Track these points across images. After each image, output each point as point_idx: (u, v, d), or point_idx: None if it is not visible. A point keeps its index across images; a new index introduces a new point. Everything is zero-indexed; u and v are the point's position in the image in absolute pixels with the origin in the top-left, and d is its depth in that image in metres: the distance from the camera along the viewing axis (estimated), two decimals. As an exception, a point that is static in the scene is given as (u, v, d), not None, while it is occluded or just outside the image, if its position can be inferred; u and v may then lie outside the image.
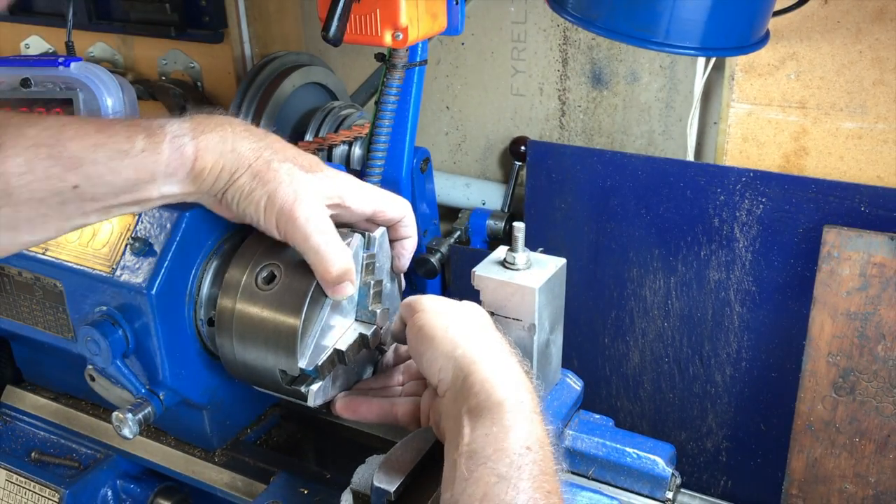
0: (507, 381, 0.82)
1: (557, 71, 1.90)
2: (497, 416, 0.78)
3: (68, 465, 1.28)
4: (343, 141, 1.65)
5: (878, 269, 1.40)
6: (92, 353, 1.06)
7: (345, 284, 0.95)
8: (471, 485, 0.74)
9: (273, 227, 0.94)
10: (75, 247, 1.10)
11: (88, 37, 2.09)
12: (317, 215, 0.93)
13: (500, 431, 0.77)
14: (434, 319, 0.91)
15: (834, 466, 1.50)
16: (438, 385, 0.87)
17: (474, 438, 0.77)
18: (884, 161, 1.48)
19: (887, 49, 1.42)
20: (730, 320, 1.65)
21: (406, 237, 1.08)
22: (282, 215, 0.92)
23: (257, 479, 1.17)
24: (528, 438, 0.77)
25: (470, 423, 0.79)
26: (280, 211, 0.92)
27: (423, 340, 0.89)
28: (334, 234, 0.94)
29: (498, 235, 1.92)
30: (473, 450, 0.76)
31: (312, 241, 0.92)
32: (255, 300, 0.99)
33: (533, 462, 0.75)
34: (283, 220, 0.92)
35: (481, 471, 0.74)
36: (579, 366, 1.84)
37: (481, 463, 0.75)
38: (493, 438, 0.76)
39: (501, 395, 0.80)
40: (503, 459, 0.74)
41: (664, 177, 1.63)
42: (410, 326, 0.93)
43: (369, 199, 1.01)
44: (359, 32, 1.22)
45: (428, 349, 0.88)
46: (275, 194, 0.92)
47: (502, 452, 0.75)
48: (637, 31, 1.11)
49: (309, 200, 0.93)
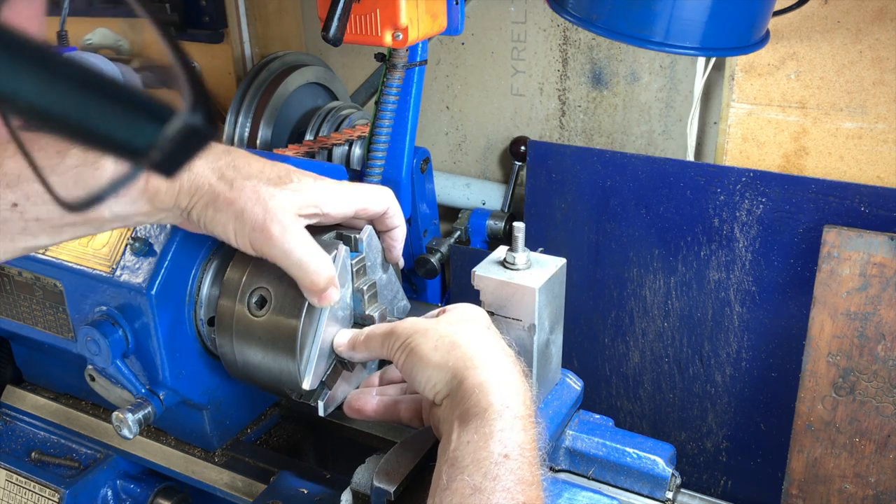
0: (495, 386, 0.81)
1: (557, 71, 1.90)
2: (480, 423, 0.78)
3: (68, 465, 1.28)
4: (343, 141, 1.65)
5: (878, 269, 1.40)
6: (92, 353, 1.06)
7: (329, 292, 0.93)
8: (448, 495, 0.73)
9: (248, 247, 0.91)
10: (75, 247, 1.10)
11: (89, 23, 2.02)
12: (290, 230, 0.90)
13: (479, 439, 0.76)
14: (416, 341, 0.88)
15: (834, 466, 1.50)
16: (436, 397, 0.87)
17: (458, 446, 0.77)
18: (884, 161, 1.48)
19: (887, 49, 1.42)
20: (730, 320, 1.65)
21: (393, 227, 1.04)
22: (254, 235, 0.89)
23: (257, 479, 1.17)
24: (508, 445, 0.76)
25: (458, 430, 0.79)
26: (252, 231, 0.89)
27: (413, 364, 0.87)
28: (312, 245, 0.92)
29: (498, 235, 1.92)
30: (455, 458, 0.76)
31: (293, 256, 0.90)
32: (250, 331, 0.99)
33: (510, 471, 0.74)
34: (257, 239, 0.89)
35: (458, 481, 0.74)
36: (579, 366, 1.84)
37: (459, 473, 0.74)
38: (473, 447, 0.76)
39: (489, 400, 0.79)
40: (479, 470, 0.74)
41: (664, 177, 1.63)
42: (397, 358, 0.90)
43: (347, 200, 0.98)
44: (359, 32, 1.22)
45: (419, 372, 0.87)
46: (242, 215, 0.88)
47: (479, 462, 0.74)
48: (637, 31, 1.11)
49: (280, 216, 0.89)
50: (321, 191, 0.95)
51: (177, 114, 0.40)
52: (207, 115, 0.41)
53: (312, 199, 0.93)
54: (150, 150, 0.40)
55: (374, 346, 0.94)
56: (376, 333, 0.94)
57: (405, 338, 0.89)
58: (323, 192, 0.95)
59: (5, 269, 1.17)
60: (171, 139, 0.40)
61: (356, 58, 2.11)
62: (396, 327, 0.92)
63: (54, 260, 1.10)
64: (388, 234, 1.06)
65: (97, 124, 0.39)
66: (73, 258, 1.09)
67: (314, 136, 1.70)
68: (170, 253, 1.03)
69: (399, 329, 0.91)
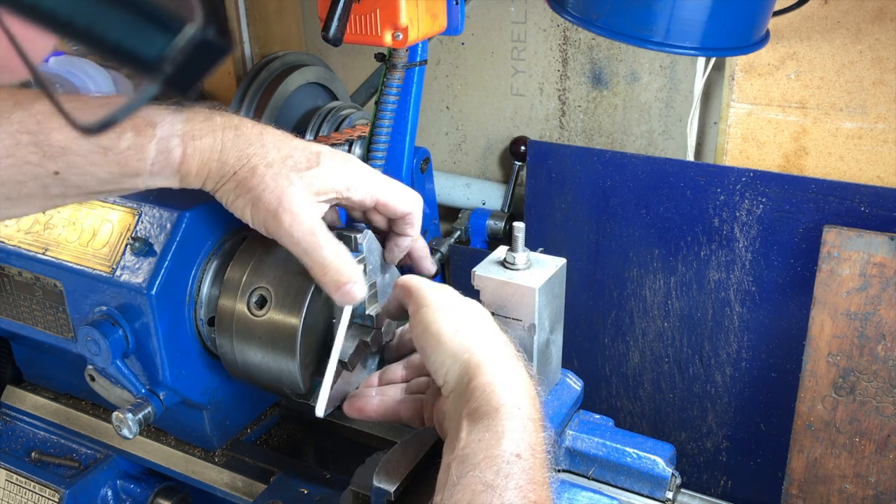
0: (508, 387, 0.81)
1: (557, 71, 1.90)
2: (492, 422, 0.78)
3: (68, 465, 1.28)
4: (343, 141, 1.65)
5: (878, 269, 1.40)
6: (92, 353, 1.06)
7: (349, 288, 0.93)
8: (458, 491, 0.73)
9: (265, 233, 0.94)
10: (75, 247, 1.10)
11: None
12: (300, 219, 0.91)
13: (491, 437, 0.76)
14: (441, 318, 0.88)
15: (834, 466, 1.50)
16: (444, 386, 0.87)
17: (468, 443, 0.77)
18: (884, 161, 1.48)
19: (887, 49, 1.42)
20: (730, 320, 1.65)
21: (404, 235, 1.04)
22: (268, 221, 0.91)
23: (257, 479, 1.17)
24: (520, 445, 0.76)
25: (467, 427, 0.79)
26: (265, 218, 0.91)
27: (430, 340, 0.87)
28: (324, 236, 0.92)
29: (498, 235, 1.92)
30: (465, 455, 0.76)
31: (302, 244, 0.91)
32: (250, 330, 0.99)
33: (522, 470, 0.74)
34: (270, 225, 0.92)
35: (469, 477, 0.74)
36: (579, 366, 1.84)
37: (470, 469, 0.74)
38: (485, 444, 0.76)
39: (500, 400, 0.79)
40: (491, 467, 0.74)
41: (664, 177, 1.63)
42: (416, 322, 0.90)
43: (371, 187, 0.97)
44: (359, 32, 1.22)
45: (435, 351, 0.87)
46: (258, 201, 0.91)
47: (491, 460, 0.74)
48: (637, 31, 1.11)
49: (293, 203, 0.91)
50: (347, 174, 0.96)
51: (189, 26, 0.39)
52: (221, 30, 0.40)
53: (333, 183, 0.94)
54: (160, 62, 0.39)
55: (396, 290, 0.95)
56: (412, 282, 0.93)
57: (434, 308, 0.89)
58: (348, 175, 0.96)
59: (5, 269, 1.17)
60: (183, 52, 0.39)
61: (356, 58, 2.11)
62: (428, 292, 0.91)
63: (54, 260, 1.10)
64: (397, 239, 1.05)
65: (106, 31, 0.38)
66: (73, 258, 1.09)
67: (314, 136, 1.70)
68: (170, 253, 1.04)
69: (430, 296, 0.91)
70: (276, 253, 1.01)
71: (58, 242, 1.11)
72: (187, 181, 0.92)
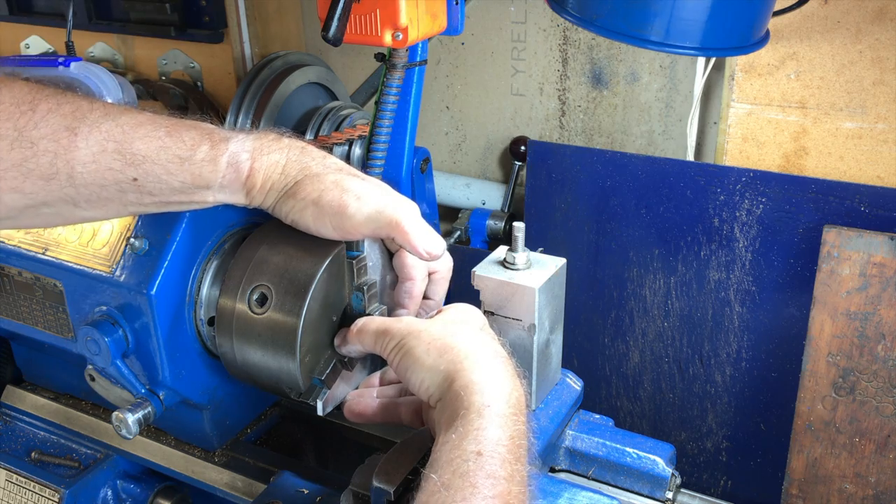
0: (480, 388, 0.81)
1: (557, 71, 1.90)
2: (460, 423, 0.78)
3: (68, 465, 1.28)
4: (343, 140, 1.65)
5: (878, 269, 1.40)
6: (92, 353, 1.06)
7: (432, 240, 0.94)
8: (420, 495, 0.74)
9: (329, 231, 0.95)
10: (75, 247, 1.10)
11: (89, 37, 2.09)
12: (367, 199, 0.93)
13: (457, 438, 0.77)
14: (412, 344, 0.88)
15: (834, 466, 1.50)
16: (430, 399, 0.87)
17: (437, 448, 0.78)
18: (884, 161, 1.48)
19: (887, 49, 1.42)
20: (730, 320, 1.65)
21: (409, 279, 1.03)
22: (333, 216, 0.93)
23: (257, 479, 1.17)
24: (482, 443, 0.76)
25: (442, 434, 0.80)
26: (330, 211, 0.93)
27: (406, 367, 0.88)
28: (394, 195, 0.95)
29: (498, 235, 1.92)
30: (434, 459, 0.77)
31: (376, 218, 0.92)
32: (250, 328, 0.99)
33: (479, 467, 0.74)
34: (335, 218, 0.93)
35: (429, 481, 0.74)
36: (579, 366, 1.84)
37: (433, 472, 0.75)
38: (449, 446, 0.76)
39: (470, 400, 0.80)
40: (450, 467, 0.74)
41: (664, 177, 1.63)
42: (391, 359, 0.90)
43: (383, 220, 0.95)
44: (359, 32, 1.22)
45: (411, 374, 0.87)
46: (320, 199, 0.94)
47: (451, 461, 0.75)
48: (637, 31, 1.11)
49: (357, 190, 0.94)
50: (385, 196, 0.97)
51: None
52: None
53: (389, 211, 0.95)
54: None
55: (367, 340, 0.94)
56: (370, 328, 0.94)
57: (399, 339, 0.89)
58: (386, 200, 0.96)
59: (5, 269, 1.17)
60: None
61: (356, 58, 2.12)
62: (391, 326, 0.92)
63: (54, 260, 1.10)
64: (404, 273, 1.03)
65: None
66: (73, 258, 1.09)
67: (314, 136, 1.70)
68: (170, 253, 1.03)
69: (394, 329, 0.91)
70: (278, 251, 1.01)
71: (58, 242, 1.11)
72: (251, 196, 0.97)
